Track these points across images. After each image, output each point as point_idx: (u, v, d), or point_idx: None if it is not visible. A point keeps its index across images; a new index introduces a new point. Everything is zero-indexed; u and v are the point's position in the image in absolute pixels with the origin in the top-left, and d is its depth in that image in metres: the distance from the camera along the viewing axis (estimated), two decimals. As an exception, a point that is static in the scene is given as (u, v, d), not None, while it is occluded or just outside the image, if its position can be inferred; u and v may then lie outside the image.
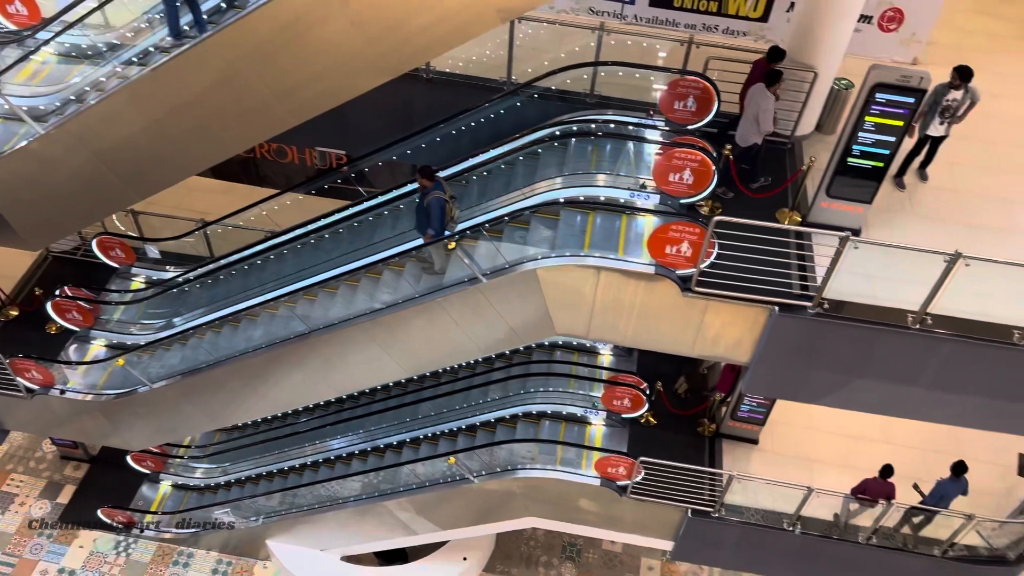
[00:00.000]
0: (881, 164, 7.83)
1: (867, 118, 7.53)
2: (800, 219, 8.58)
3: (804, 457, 11.09)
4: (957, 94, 8.38)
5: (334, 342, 9.69)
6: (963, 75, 8.27)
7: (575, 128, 9.46)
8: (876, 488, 9.82)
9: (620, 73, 9.30)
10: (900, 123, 7.52)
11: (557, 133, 9.50)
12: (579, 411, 11.51)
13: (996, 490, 10.88)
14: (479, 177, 9.97)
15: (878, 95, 7.35)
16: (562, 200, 8.82)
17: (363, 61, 7.56)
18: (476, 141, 9.84)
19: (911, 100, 7.36)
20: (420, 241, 9.20)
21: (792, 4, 10.36)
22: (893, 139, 7.64)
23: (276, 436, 13.82)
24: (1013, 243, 8.48)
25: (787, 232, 8.15)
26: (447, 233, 8.88)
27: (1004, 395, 8.12)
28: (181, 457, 14.67)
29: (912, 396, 8.31)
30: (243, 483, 14.10)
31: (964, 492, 9.83)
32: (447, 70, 9.99)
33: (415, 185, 9.57)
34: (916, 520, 10.28)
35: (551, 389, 11.75)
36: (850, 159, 7.86)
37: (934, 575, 10.53)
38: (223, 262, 11.81)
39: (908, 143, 8.49)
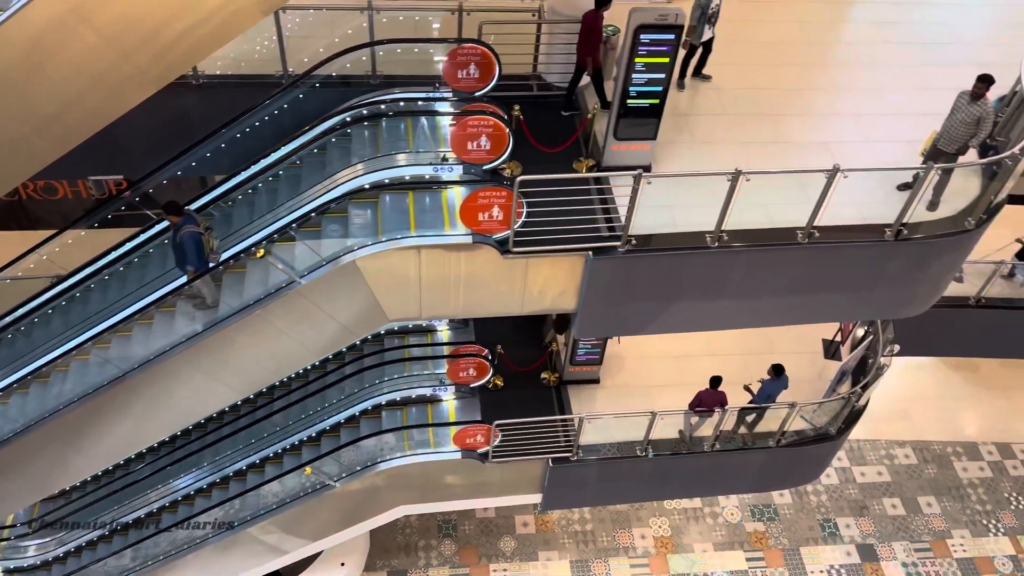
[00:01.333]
0: (657, 101, 8.33)
1: (636, 59, 7.96)
2: (595, 166, 8.98)
3: (643, 385, 11.78)
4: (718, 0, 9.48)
5: (156, 379, 9.07)
6: None
7: (365, 112, 9.31)
8: (710, 398, 10.62)
9: (399, 50, 9.22)
10: (667, 59, 8.00)
11: (348, 119, 9.31)
12: (428, 391, 11.53)
13: (809, 376, 12.10)
14: (274, 178, 9.60)
15: (642, 36, 7.79)
16: (367, 186, 8.69)
17: (123, 75, 6.99)
18: (264, 140, 9.45)
19: (671, 36, 7.85)
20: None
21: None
22: (663, 75, 8.13)
23: (113, 490, 12.80)
24: (782, 153, 9.34)
25: (587, 180, 8.52)
26: (211, 264, 8.55)
27: (798, 290, 9.01)
28: (6, 539, 13.25)
29: (723, 308, 9.03)
30: (85, 548, 12.97)
31: (786, 387, 10.87)
32: (218, 72, 9.49)
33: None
34: (750, 419, 11.24)
35: (396, 376, 11.68)
36: (629, 101, 8.29)
37: (773, 464, 11.59)
38: (7, 319, 10.66)
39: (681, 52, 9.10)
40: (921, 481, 16.52)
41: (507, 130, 8.11)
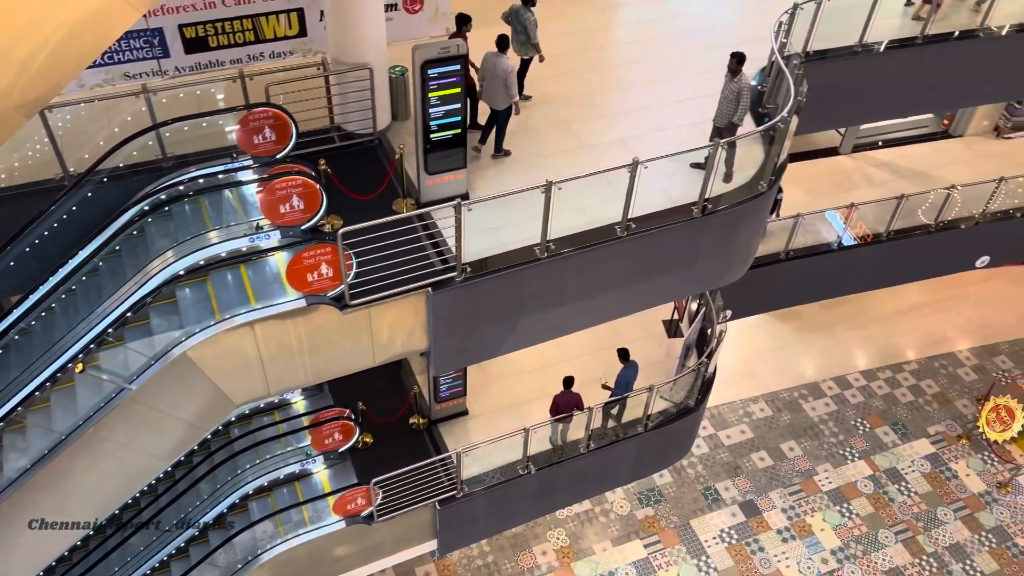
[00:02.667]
0: (459, 131, 8.50)
1: (430, 94, 8.09)
2: (415, 203, 9.01)
3: (510, 405, 11.88)
4: (527, 13, 10.08)
5: (-14, 533, 8.11)
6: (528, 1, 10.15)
7: (164, 197, 8.84)
8: (566, 401, 10.90)
9: (186, 128, 8.86)
10: (458, 90, 8.20)
11: (147, 208, 8.80)
12: (296, 467, 11.03)
13: (659, 358, 12.69)
14: (80, 285, 8.90)
15: (430, 71, 7.93)
16: (182, 272, 8.24)
17: None
18: (60, 248, 8.74)
19: (457, 67, 8.05)
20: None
21: (322, 13, 10.68)
22: (458, 106, 8.32)
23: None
24: (586, 157, 9.80)
25: (410, 219, 8.53)
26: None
27: (629, 281, 9.44)
28: None
29: (567, 313, 9.30)
30: None
31: (637, 372, 11.32)
32: (-10, 187, 8.72)
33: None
34: (615, 412, 11.61)
35: (258, 461, 11.08)
36: (432, 136, 8.40)
37: (646, 448, 12.02)
38: None
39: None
40: (780, 429, 17.70)
41: (318, 186, 7.98)
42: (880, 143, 17.53)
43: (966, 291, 20.12)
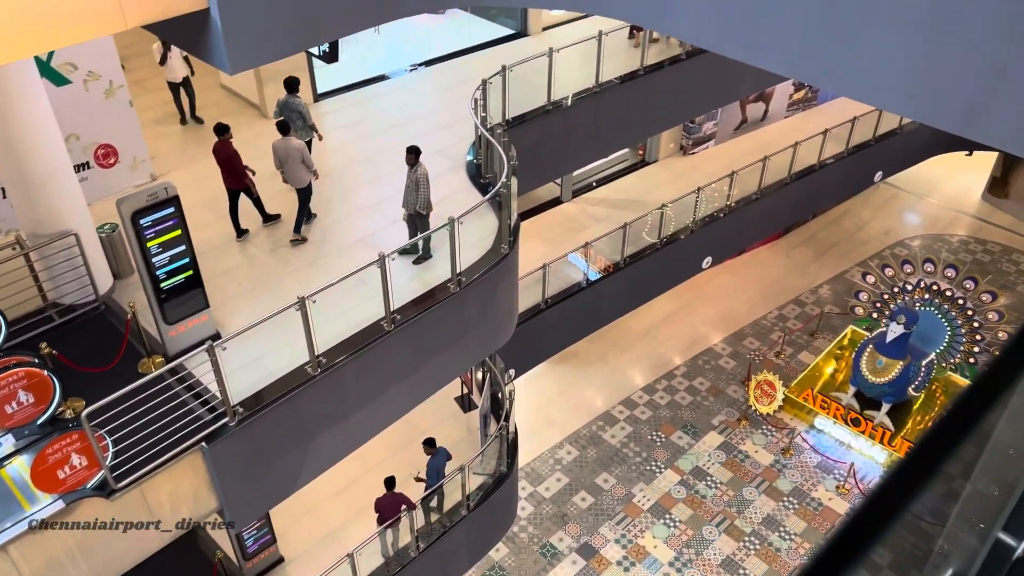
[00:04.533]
0: (191, 272, 8.08)
1: (148, 244, 7.64)
2: (163, 359, 8.37)
3: (326, 536, 11.23)
4: (295, 100, 11.03)
5: None
6: (290, 86, 11.02)
7: None
8: (391, 502, 10.55)
9: None
10: (179, 232, 7.82)
11: None
12: None
13: (461, 435, 12.70)
14: None
15: (142, 221, 7.50)
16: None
17: None
18: None
19: (172, 209, 7.69)
20: None
21: (2, 191, 9.74)
22: (184, 247, 7.92)
23: None
24: (333, 263, 9.73)
25: (161, 377, 7.89)
26: None
27: (411, 370, 9.42)
28: None
29: (359, 422, 9.05)
30: None
31: (449, 457, 11.23)
32: None
33: None
34: (435, 504, 11.39)
35: None
36: (163, 285, 7.91)
37: (475, 528, 11.89)
38: None
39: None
40: (591, 466, 18.37)
41: (45, 372, 7.16)
42: (594, 183, 19.25)
43: (703, 291, 22.41)
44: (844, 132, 18.91)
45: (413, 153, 9.77)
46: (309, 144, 11.28)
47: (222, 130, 10.04)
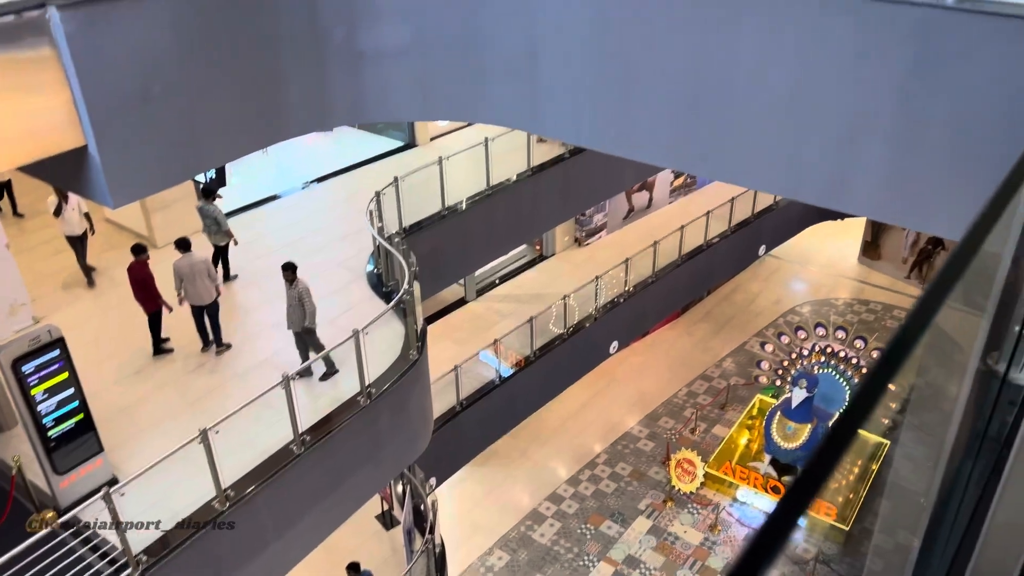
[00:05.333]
0: (82, 415, 7.63)
1: (33, 391, 7.19)
2: (55, 512, 7.76)
3: None
4: (211, 207, 11.32)
5: None
6: (206, 193, 11.43)
7: None
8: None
9: None
10: (65, 375, 7.41)
11: None
12: None
13: (386, 554, 12.18)
14: None
15: (24, 368, 7.08)
16: None
17: None
18: None
19: (57, 352, 7.31)
20: None
21: None
22: (73, 390, 7.50)
23: None
24: (236, 389, 9.39)
25: (54, 533, 7.29)
26: None
27: (327, 491, 9.05)
28: None
29: (274, 554, 8.56)
30: None
31: (371, 578, 10.73)
32: None
33: None
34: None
35: None
36: (51, 433, 7.42)
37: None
38: None
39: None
40: (523, 568, 17.86)
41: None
42: (497, 281, 19.52)
43: (614, 375, 22.72)
44: (726, 212, 20.01)
45: (290, 270, 9.60)
46: (226, 248, 11.60)
47: (139, 250, 9.91)
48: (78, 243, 11.56)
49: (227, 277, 11.77)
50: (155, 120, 5.73)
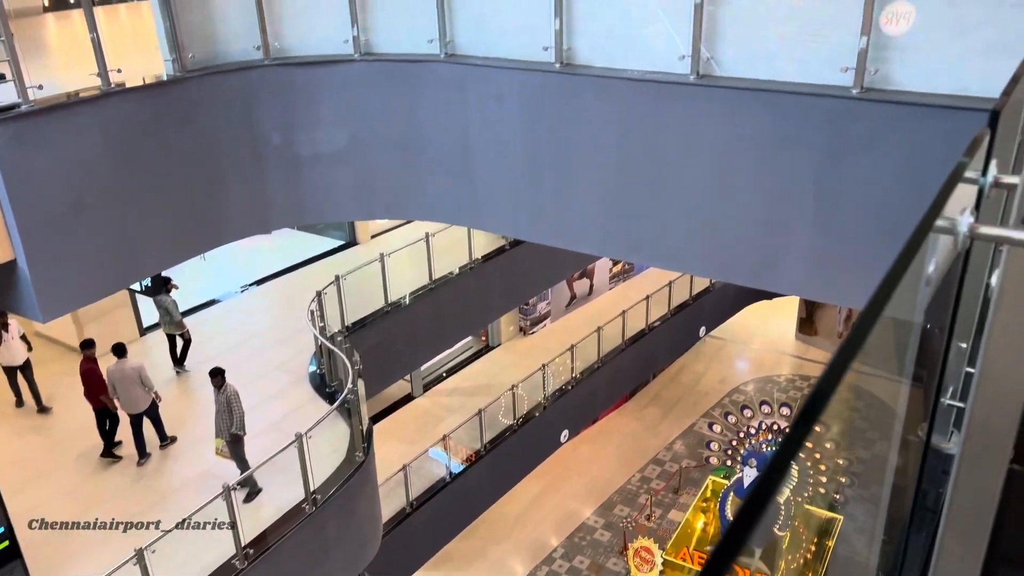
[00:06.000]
0: (7, 543, 7.19)
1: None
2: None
3: None
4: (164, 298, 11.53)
5: None
6: (160, 284, 11.58)
7: None
8: None
9: None
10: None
11: None
12: None
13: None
14: None
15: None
16: None
17: None
18: None
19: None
20: None
21: None
22: (-3, 515, 7.09)
23: None
24: (174, 507, 8.98)
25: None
26: None
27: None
28: None
29: None
30: None
31: None
32: None
33: None
34: None
35: None
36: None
37: None
38: None
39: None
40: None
41: None
42: (444, 375, 19.37)
43: (567, 465, 22.47)
44: (665, 295, 20.45)
45: (218, 375, 9.41)
46: (175, 339, 11.82)
47: (87, 345, 9.94)
48: (21, 372, 10.84)
49: (180, 367, 11.92)
50: (88, 231, 5.68)
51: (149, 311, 13.30)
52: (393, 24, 7.39)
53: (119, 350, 9.87)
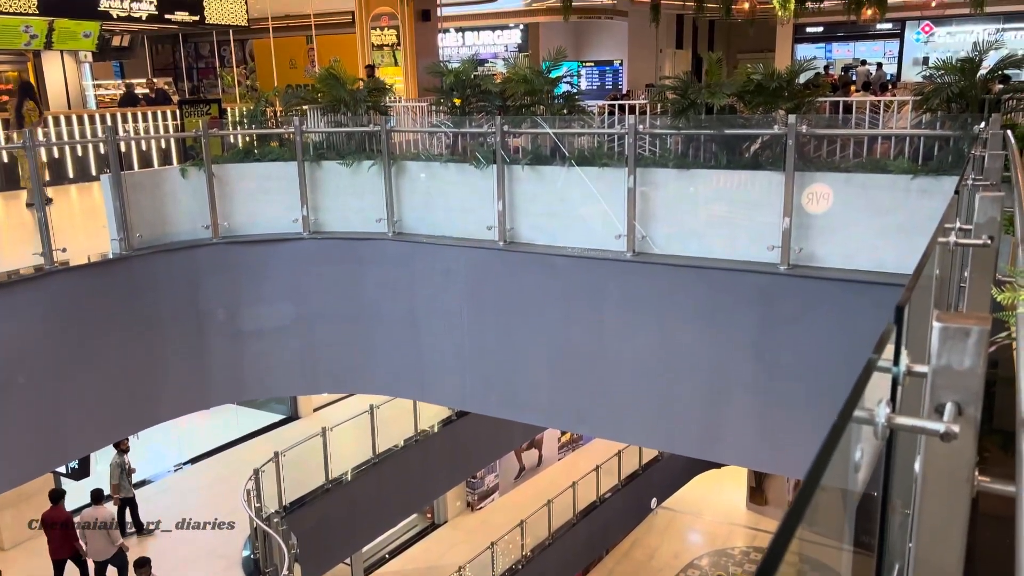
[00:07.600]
0: None
1: None
2: None
3: None
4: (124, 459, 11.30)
5: None
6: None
7: None
8: None
9: None
10: None
11: None
12: None
13: None
14: None
15: None
16: None
17: None
18: None
19: None
20: None
21: None
22: None
23: None
24: None
25: None
26: None
27: None
28: None
29: None
30: None
31: None
32: None
33: None
34: None
35: None
36: None
37: None
38: None
39: None
40: None
41: None
42: (387, 556, 18.37)
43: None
44: (614, 465, 20.18)
45: (143, 566, 9.15)
46: (133, 501, 11.61)
47: (58, 496, 9.84)
48: None
49: (139, 530, 11.63)
50: (14, 413, 5.45)
51: (76, 493, 12.53)
52: (342, 205, 7.65)
53: (96, 497, 10.00)
